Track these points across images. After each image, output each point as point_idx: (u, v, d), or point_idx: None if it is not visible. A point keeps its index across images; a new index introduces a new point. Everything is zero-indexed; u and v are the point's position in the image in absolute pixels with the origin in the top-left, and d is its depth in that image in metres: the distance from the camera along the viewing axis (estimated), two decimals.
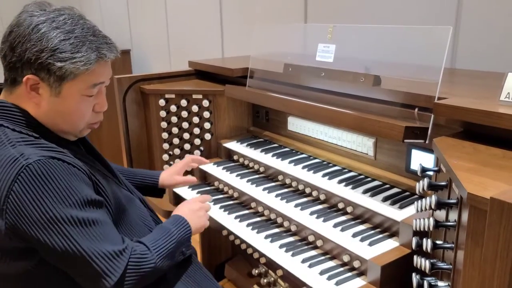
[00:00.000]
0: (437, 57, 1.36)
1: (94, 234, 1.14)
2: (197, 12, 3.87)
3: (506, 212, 0.81)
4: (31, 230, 1.09)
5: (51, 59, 1.14)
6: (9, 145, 1.14)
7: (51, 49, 1.14)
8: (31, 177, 1.09)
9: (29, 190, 1.08)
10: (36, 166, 1.10)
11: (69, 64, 1.16)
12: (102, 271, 1.13)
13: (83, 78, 1.20)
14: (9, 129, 1.18)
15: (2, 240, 1.13)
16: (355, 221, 1.55)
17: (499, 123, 1.15)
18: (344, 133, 1.78)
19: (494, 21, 1.91)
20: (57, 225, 1.10)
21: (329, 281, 1.35)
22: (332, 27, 1.72)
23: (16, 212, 1.09)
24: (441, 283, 1.12)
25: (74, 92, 1.21)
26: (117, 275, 1.15)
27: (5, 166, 1.10)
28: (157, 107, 2.28)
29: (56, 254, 1.12)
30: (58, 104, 1.21)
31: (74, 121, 1.26)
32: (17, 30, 1.16)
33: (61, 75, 1.17)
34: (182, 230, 1.40)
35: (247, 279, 2.17)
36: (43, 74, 1.16)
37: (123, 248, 1.19)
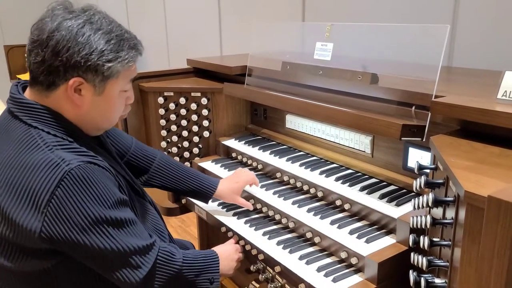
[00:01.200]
0: (435, 55, 1.37)
1: (130, 231, 1.21)
2: (196, 10, 3.86)
3: (504, 210, 0.82)
4: (71, 234, 1.13)
5: (100, 61, 1.18)
6: (46, 148, 1.15)
7: (100, 50, 1.18)
8: (74, 182, 1.12)
9: (72, 195, 1.12)
10: (78, 171, 1.13)
11: (116, 64, 1.21)
12: (136, 264, 1.21)
13: (124, 74, 1.27)
14: (43, 132, 1.19)
15: (30, 241, 1.14)
16: (352, 218, 1.55)
17: (496, 121, 1.16)
18: (342, 131, 1.79)
19: (491, 19, 1.91)
20: (98, 227, 1.15)
21: (326, 278, 1.36)
22: (330, 26, 1.73)
23: (57, 215, 1.11)
24: (438, 280, 1.12)
25: (116, 89, 1.26)
26: (148, 266, 1.23)
27: (47, 170, 1.12)
28: (156, 105, 2.28)
29: (93, 253, 1.16)
30: (100, 102, 1.25)
31: (112, 116, 1.32)
32: (58, 35, 1.16)
33: (109, 74, 1.21)
34: (211, 258, 1.46)
35: (245, 275, 2.17)
36: (90, 75, 1.20)
37: (152, 242, 1.27)
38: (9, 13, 6.11)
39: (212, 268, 1.43)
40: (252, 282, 2.10)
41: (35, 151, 1.15)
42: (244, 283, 2.16)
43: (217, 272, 1.44)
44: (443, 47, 1.34)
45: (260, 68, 2.08)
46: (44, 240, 1.13)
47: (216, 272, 1.44)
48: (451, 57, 2.08)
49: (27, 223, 1.11)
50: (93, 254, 1.17)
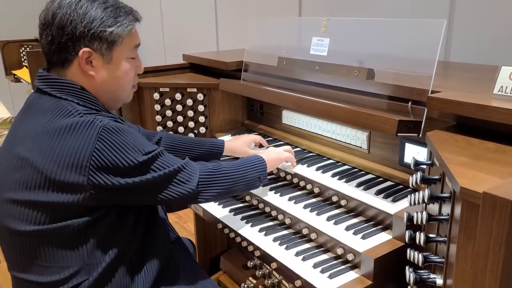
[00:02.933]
0: (431, 50, 1.36)
1: (165, 162, 1.32)
2: (192, 6, 3.84)
3: (499, 207, 0.81)
4: (118, 179, 1.23)
5: (102, 27, 1.28)
6: (78, 115, 1.25)
7: (99, 18, 1.28)
8: (110, 135, 1.23)
9: (111, 146, 1.22)
10: (112, 126, 1.24)
11: (117, 28, 1.31)
12: (184, 179, 1.34)
13: (127, 40, 1.35)
14: (74, 102, 1.29)
15: (75, 198, 1.22)
16: (348, 214, 1.55)
17: (492, 117, 1.15)
18: (338, 127, 1.78)
19: (488, 14, 1.91)
20: (141, 168, 1.26)
21: (322, 274, 1.36)
22: (326, 20, 1.72)
23: (101, 167, 1.21)
24: (434, 276, 1.12)
25: (123, 55, 1.36)
26: (196, 176, 1.36)
27: (83, 129, 1.22)
28: (151, 100, 2.27)
29: (141, 190, 1.28)
30: (111, 71, 1.35)
31: (125, 84, 1.41)
32: (60, 12, 1.27)
33: (112, 40, 1.31)
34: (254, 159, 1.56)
35: (242, 271, 2.18)
36: (96, 44, 1.29)
37: (186, 161, 1.38)
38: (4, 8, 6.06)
39: (259, 166, 1.54)
40: (249, 278, 2.11)
41: (68, 117, 1.24)
42: (242, 279, 2.16)
43: (264, 170, 1.55)
44: (440, 42, 1.34)
45: (256, 64, 2.07)
46: (90, 192, 1.22)
47: (263, 170, 1.55)
48: (448, 52, 2.07)
49: (73, 179, 1.20)
50: (141, 190, 1.28)
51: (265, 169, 1.55)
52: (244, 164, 1.52)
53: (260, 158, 1.57)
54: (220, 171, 1.44)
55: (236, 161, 1.53)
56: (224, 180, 1.44)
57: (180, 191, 1.33)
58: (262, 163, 1.55)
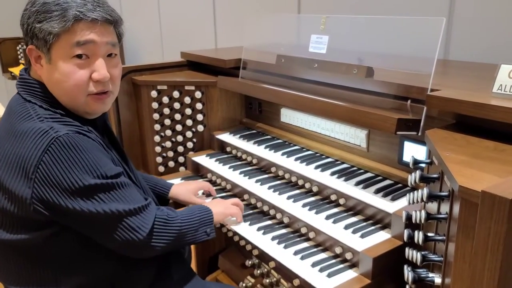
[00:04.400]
0: (430, 48, 1.35)
1: (121, 196, 1.21)
2: (190, 3, 3.83)
3: (497, 206, 0.81)
4: (60, 199, 1.14)
5: (34, 22, 1.20)
6: (37, 119, 1.18)
7: (34, 12, 1.20)
8: (61, 148, 1.13)
9: (59, 160, 1.13)
10: (66, 138, 1.15)
11: (45, 24, 1.19)
12: (134, 226, 1.22)
13: (64, 38, 1.21)
14: (37, 105, 1.23)
15: (24, 209, 1.16)
16: (347, 213, 1.55)
17: (492, 115, 1.15)
18: (337, 125, 1.77)
19: (488, 12, 1.90)
20: (86, 192, 1.15)
21: (321, 273, 1.35)
22: (325, 18, 1.71)
23: (45, 181, 1.13)
24: (432, 275, 1.12)
25: (61, 55, 1.21)
26: (147, 227, 1.24)
27: (35, 138, 1.14)
28: (149, 98, 2.26)
29: (86, 219, 1.17)
30: (53, 72, 1.23)
31: (71, 89, 1.24)
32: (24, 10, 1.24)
33: (43, 37, 1.20)
34: (204, 212, 1.47)
35: (240, 270, 2.17)
36: (34, 41, 1.22)
37: (147, 203, 1.28)
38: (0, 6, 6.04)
39: (207, 221, 1.45)
40: (247, 277, 2.10)
41: (26, 121, 1.18)
42: (240, 278, 2.15)
43: (211, 224, 1.46)
44: (439, 40, 1.33)
45: (255, 61, 2.06)
46: (36, 207, 1.14)
47: (210, 224, 1.46)
48: (447, 50, 2.06)
49: (19, 190, 1.14)
50: (86, 219, 1.17)
51: (212, 223, 1.47)
52: (194, 216, 1.42)
53: (210, 213, 1.48)
54: (174, 223, 1.33)
55: (187, 213, 1.42)
56: (174, 233, 1.33)
57: (127, 236, 1.21)
58: (210, 217, 1.47)
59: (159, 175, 2.28)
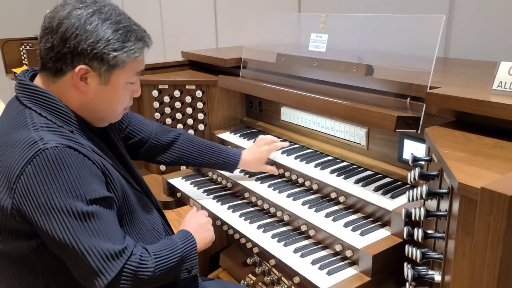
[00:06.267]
0: (430, 46, 1.35)
1: (94, 230, 1.14)
2: (191, 2, 3.83)
3: (497, 202, 0.81)
4: (34, 214, 1.11)
5: (106, 49, 1.20)
6: (32, 128, 1.17)
7: (106, 39, 1.20)
8: (45, 162, 1.11)
9: (40, 174, 1.10)
10: (52, 152, 1.12)
11: (121, 53, 1.22)
12: (97, 269, 1.13)
13: (130, 66, 1.26)
14: (35, 113, 1.21)
15: (6, 219, 1.14)
16: (347, 210, 1.55)
17: (491, 112, 1.15)
18: (337, 123, 1.78)
19: (488, 10, 1.90)
20: (59, 214, 1.11)
21: (321, 271, 1.36)
22: (324, 16, 1.71)
23: (24, 193, 1.11)
24: (432, 272, 1.12)
25: (121, 80, 1.27)
26: (111, 275, 1.14)
27: (23, 147, 1.13)
28: (150, 98, 2.27)
29: (54, 242, 1.13)
30: (106, 91, 1.26)
31: (117, 107, 1.32)
32: (68, 23, 1.19)
33: (114, 64, 1.22)
34: (188, 245, 1.35)
35: (242, 268, 2.17)
36: (96, 64, 1.21)
37: (122, 249, 1.17)
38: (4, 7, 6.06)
39: (191, 257, 1.34)
40: (248, 275, 2.10)
41: (21, 129, 1.17)
42: (241, 276, 2.15)
43: (195, 259, 1.35)
44: (438, 38, 1.33)
45: (255, 60, 2.06)
46: (16, 218, 1.13)
47: (194, 260, 1.35)
48: (448, 48, 2.06)
49: (1, 199, 1.12)
50: (56, 244, 1.13)
51: (196, 258, 1.35)
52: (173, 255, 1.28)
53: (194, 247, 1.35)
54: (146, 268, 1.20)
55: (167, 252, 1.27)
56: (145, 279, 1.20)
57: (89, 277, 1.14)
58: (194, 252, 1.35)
59: (160, 173, 2.29)
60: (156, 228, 1.48)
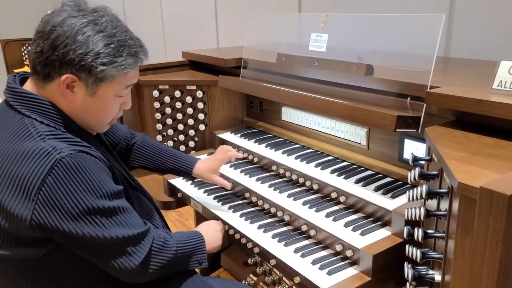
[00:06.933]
0: (430, 45, 1.35)
1: (122, 221, 1.21)
2: (192, 2, 3.84)
3: (496, 202, 0.81)
4: (62, 222, 1.13)
5: (95, 62, 1.18)
6: (39, 138, 1.16)
7: (96, 52, 1.18)
8: (65, 171, 1.12)
9: (63, 183, 1.12)
10: (69, 160, 1.13)
11: (110, 68, 1.20)
12: (130, 251, 1.22)
13: (119, 80, 1.25)
14: (37, 121, 1.20)
15: (22, 229, 1.14)
16: (347, 210, 1.55)
17: (491, 112, 1.14)
18: (337, 123, 1.77)
19: (489, 9, 1.89)
20: (89, 216, 1.15)
21: (321, 271, 1.36)
22: (324, 16, 1.71)
23: (48, 204, 1.11)
24: (432, 272, 1.12)
25: (109, 93, 1.25)
26: (143, 254, 1.24)
27: (38, 159, 1.12)
28: (151, 98, 2.27)
29: (85, 242, 1.16)
30: (92, 103, 1.25)
31: (104, 118, 1.32)
32: (60, 30, 1.17)
33: (102, 77, 1.20)
34: (198, 239, 1.45)
35: (243, 268, 2.17)
36: (83, 75, 1.19)
37: (147, 230, 1.27)
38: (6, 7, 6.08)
39: (200, 249, 1.44)
40: (250, 275, 2.10)
41: (27, 140, 1.15)
42: (242, 276, 2.15)
43: (204, 253, 1.45)
44: (438, 37, 1.33)
45: (256, 60, 2.06)
46: (35, 228, 1.13)
47: (203, 253, 1.45)
48: (448, 48, 2.06)
49: (18, 210, 1.12)
50: (85, 243, 1.17)
51: (205, 252, 1.46)
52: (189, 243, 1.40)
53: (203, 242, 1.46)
54: (170, 247, 1.33)
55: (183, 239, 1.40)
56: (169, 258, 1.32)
57: (123, 262, 1.21)
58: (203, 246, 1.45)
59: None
60: (156, 224, 1.51)
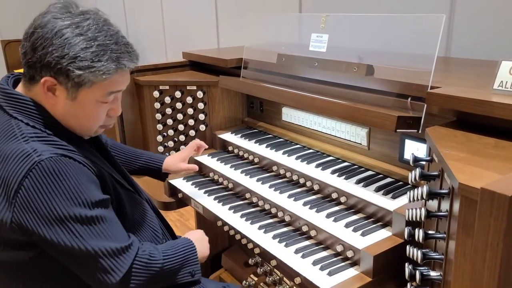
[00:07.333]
0: (430, 45, 1.35)
1: (101, 232, 1.15)
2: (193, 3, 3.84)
3: (497, 203, 0.80)
4: (38, 226, 1.10)
5: (71, 66, 1.14)
6: (22, 139, 1.14)
7: (72, 56, 1.14)
8: (42, 174, 1.10)
9: (39, 186, 1.09)
10: (48, 163, 1.11)
11: (87, 73, 1.16)
12: (109, 268, 1.15)
13: (100, 86, 1.20)
14: (23, 123, 1.18)
15: (4, 231, 1.14)
16: (348, 211, 1.54)
17: (492, 112, 1.14)
18: (338, 123, 1.77)
19: (489, 9, 1.89)
20: (64, 223, 1.11)
21: (322, 271, 1.35)
22: (325, 16, 1.71)
23: (24, 207, 1.10)
24: (433, 273, 1.12)
25: (90, 98, 1.21)
26: (122, 271, 1.17)
27: (17, 161, 1.11)
28: (151, 98, 2.27)
29: (61, 250, 1.13)
30: (73, 107, 1.22)
31: (88, 124, 1.27)
32: (40, 32, 1.15)
33: (79, 82, 1.17)
34: (190, 249, 1.38)
35: (243, 269, 2.17)
36: (62, 78, 1.17)
37: (129, 245, 1.20)
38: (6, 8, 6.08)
39: (192, 260, 1.37)
40: (250, 276, 2.10)
41: (11, 141, 1.15)
42: (243, 276, 2.15)
43: (197, 263, 1.38)
44: (439, 37, 1.33)
45: (256, 61, 2.06)
46: (16, 231, 1.12)
47: (195, 264, 1.38)
48: (449, 48, 2.06)
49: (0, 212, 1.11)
50: (62, 252, 1.14)
51: (198, 262, 1.39)
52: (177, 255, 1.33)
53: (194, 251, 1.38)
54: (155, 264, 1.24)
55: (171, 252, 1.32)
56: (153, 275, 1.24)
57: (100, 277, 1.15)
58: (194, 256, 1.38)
59: None
60: (152, 226, 1.49)
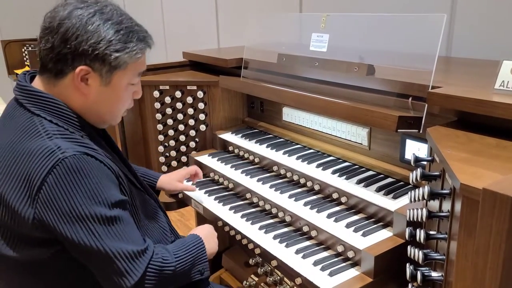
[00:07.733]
0: (431, 45, 1.34)
1: (118, 233, 1.16)
2: (193, 2, 3.83)
3: (499, 203, 0.80)
4: (59, 223, 1.11)
5: (108, 50, 1.19)
6: (46, 136, 1.15)
7: (108, 40, 1.19)
8: (66, 171, 1.11)
9: (62, 183, 1.11)
10: (72, 161, 1.12)
11: (123, 54, 1.21)
12: (124, 270, 1.15)
13: (132, 67, 1.26)
14: (46, 120, 1.19)
15: (26, 228, 1.14)
16: (349, 211, 1.54)
17: (493, 112, 1.14)
18: (339, 123, 1.77)
19: (490, 9, 1.88)
20: (84, 221, 1.12)
21: (323, 272, 1.35)
22: (325, 16, 1.70)
23: (47, 203, 1.11)
24: (434, 273, 1.11)
25: (123, 81, 1.26)
26: (137, 275, 1.17)
27: (42, 157, 1.12)
28: (151, 98, 2.26)
29: (80, 249, 1.14)
30: (106, 93, 1.25)
31: (118, 108, 1.32)
32: (69, 23, 1.17)
33: (116, 65, 1.22)
34: (199, 247, 1.39)
35: (244, 269, 2.17)
36: (97, 65, 1.20)
37: (144, 249, 1.21)
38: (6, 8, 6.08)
39: (202, 259, 1.38)
40: (251, 276, 2.10)
41: (34, 138, 1.15)
42: (243, 276, 2.15)
43: (206, 262, 1.39)
44: (440, 37, 1.32)
45: (256, 61, 2.05)
46: (38, 227, 1.13)
47: (205, 262, 1.39)
48: (450, 48, 2.05)
49: (21, 209, 1.12)
50: (80, 251, 1.15)
51: (207, 260, 1.39)
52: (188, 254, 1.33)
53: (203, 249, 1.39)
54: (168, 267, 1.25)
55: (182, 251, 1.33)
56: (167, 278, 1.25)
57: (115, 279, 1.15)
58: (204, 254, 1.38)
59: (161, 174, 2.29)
60: (163, 226, 1.51)
